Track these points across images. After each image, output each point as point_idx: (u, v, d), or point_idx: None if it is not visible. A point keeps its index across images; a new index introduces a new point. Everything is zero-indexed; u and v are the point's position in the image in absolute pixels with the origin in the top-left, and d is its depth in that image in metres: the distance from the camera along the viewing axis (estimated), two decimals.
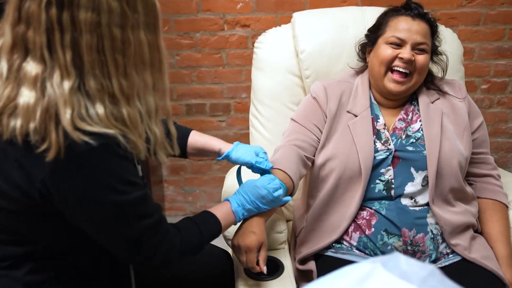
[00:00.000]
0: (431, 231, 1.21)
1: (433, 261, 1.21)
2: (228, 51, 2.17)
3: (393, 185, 1.22)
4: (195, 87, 2.23)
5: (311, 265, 1.24)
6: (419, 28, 1.24)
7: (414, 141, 1.26)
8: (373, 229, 1.21)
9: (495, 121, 2.36)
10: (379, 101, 1.34)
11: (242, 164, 1.18)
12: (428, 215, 1.22)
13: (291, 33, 1.57)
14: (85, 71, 0.77)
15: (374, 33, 1.33)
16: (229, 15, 2.10)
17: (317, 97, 1.33)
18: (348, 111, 1.30)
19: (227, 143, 1.22)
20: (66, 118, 0.74)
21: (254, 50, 1.61)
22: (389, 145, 1.26)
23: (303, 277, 1.27)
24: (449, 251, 1.23)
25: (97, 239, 0.88)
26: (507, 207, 1.34)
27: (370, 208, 1.23)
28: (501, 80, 2.28)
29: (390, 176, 1.23)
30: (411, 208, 1.22)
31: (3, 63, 0.78)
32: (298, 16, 1.58)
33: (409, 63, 1.22)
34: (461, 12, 2.13)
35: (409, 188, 1.22)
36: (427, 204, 1.23)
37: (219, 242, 1.16)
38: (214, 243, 1.24)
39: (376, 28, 1.33)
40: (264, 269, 1.07)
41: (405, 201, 1.22)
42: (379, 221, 1.21)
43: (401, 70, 1.24)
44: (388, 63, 1.25)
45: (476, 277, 1.16)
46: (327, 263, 1.23)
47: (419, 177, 1.23)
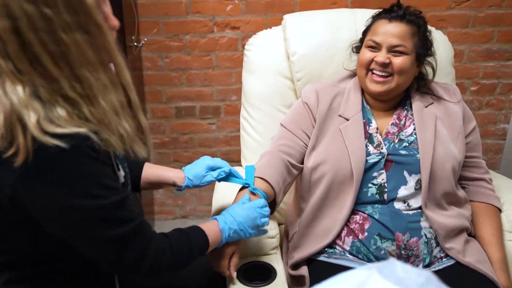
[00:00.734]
0: (425, 235, 1.20)
1: (427, 265, 1.20)
2: (218, 53, 2.15)
3: (386, 189, 1.22)
4: (184, 90, 2.21)
5: (304, 270, 1.22)
6: (395, 30, 1.23)
7: (407, 145, 1.25)
8: (366, 234, 1.20)
9: (484, 123, 2.38)
10: (371, 104, 1.33)
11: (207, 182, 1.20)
12: (421, 219, 1.21)
13: (282, 35, 1.56)
14: (29, 77, 0.75)
15: (363, 36, 1.35)
16: (218, 17, 2.09)
17: (308, 102, 1.33)
18: (340, 115, 1.30)
19: (178, 171, 1.20)
20: (31, 122, 0.73)
21: (244, 52, 1.59)
22: (382, 149, 1.25)
23: (295, 282, 1.25)
24: (443, 255, 1.23)
25: (76, 246, 0.85)
26: (500, 210, 1.34)
27: (363, 212, 1.22)
28: (490, 82, 2.29)
29: (383, 180, 1.22)
30: (404, 212, 1.21)
31: None
32: (289, 18, 1.57)
33: (384, 66, 1.23)
34: (450, 14, 2.14)
35: (402, 191, 1.22)
36: (420, 207, 1.22)
37: None
38: None
39: (364, 31, 1.35)
40: (234, 274, 1.11)
41: (398, 205, 1.21)
42: (372, 225, 1.20)
43: (377, 72, 1.24)
44: (366, 66, 1.27)
45: (470, 281, 1.16)
46: (319, 268, 1.22)
47: (412, 180, 1.22)
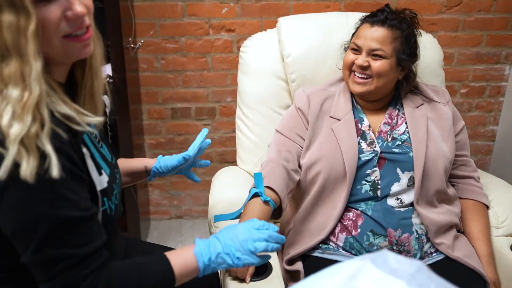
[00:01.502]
0: (416, 231, 1.24)
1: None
2: (213, 55, 2.18)
3: (379, 186, 1.26)
4: (180, 91, 2.24)
5: (299, 266, 1.26)
6: (375, 35, 1.27)
7: (400, 143, 1.30)
8: (359, 230, 1.24)
9: (474, 125, 2.43)
10: (361, 104, 1.37)
11: (173, 165, 1.21)
12: (413, 216, 1.25)
13: (277, 37, 1.60)
14: None
15: (351, 38, 1.39)
16: (214, 20, 2.12)
17: (300, 106, 1.38)
18: (331, 116, 1.34)
19: (151, 159, 1.26)
20: None
21: (240, 54, 1.62)
22: (375, 147, 1.29)
23: (291, 277, 1.28)
24: (433, 250, 1.27)
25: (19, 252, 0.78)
26: (487, 207, 1.38)
27: (356, 209, 1.26)
28: (480, 84, 2.34)
29: (376, 177, 1.26)
30: (397, 209, 1.25)
31: None
32: (283, 21, 1.61)
33: (363, 68, 1.28)
34: (440, 18, 2.19)
35: (395, 188, 1.26)
36: (412, 204, 1.26)
37: None
38: None
39: (352, 34, 1.39)
40: (248, 279, 1.10)
41: (391, 202, 1.25)
42: (365, 222, 1.24)
43: (358, 74, 1.29)
44: (349, 67, 1.32)
45: (459, 275, 1.20)
46: (314, 264, 1.25)
47: (405, 177, 1.26)
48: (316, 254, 1.28)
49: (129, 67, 1.94)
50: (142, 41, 2.11)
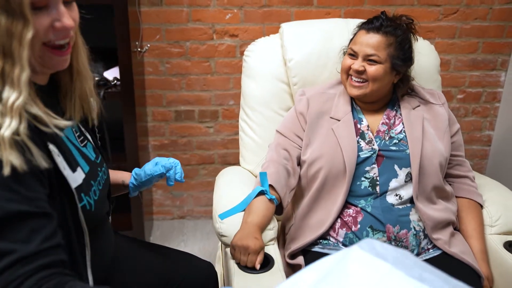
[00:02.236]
0: (414, 228, 1.29)
1: (415, 256, 1.29)
2: (216, 60, 2.24)
3: (378, 182, 1.31)
4: (184, 94, 2.29)
5: (300, 260, 1.31)
6: (371, 41, 1.33)
7: (397, 141, 1.36)
8: (359, 226, 1.29)
9: (471, 129, 2.48)
10: (360, 106, 1.43)
11: (150, 174, 1.22)
12: (411, 213, 1.31)
13: (279, 42, 1.66)
14: None
15: (349, 44, 1.44)
16: (218, 25, 2.18)
17: (299, 108, 1.44)
18: (331, 117, 1.40)
19: (128, 173, 1.26)
20: None
21: (244, 58, 1.68)
22: (373, 145, 1.35)
23: (292, 271, 1.34)
24: (430, 246, 1.32)
25: None
26: (481, 206, 1.44)
27: (356, 206, 1.31)
28: (476, 90, 2.40)
29: (375, 173, 1.32)
30: (396, 206, 1.30)
31: None
32: (286, 26, 1.67)
33: (359, 73, 1.34)
34: (438, 25, 2.25)
35: (393, 184, 1.31)
36: (411, 201, 1.32)
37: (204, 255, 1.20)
38: (199, 255, 1.33)
39: (350, 39, 1.44)
40: (258, 266, 1.19)
41: (390, 199, 1.31)
42: (365, 218, 1.29)
43: (354, 78, 1.35)
44: (346, 71, 1.38)
45: (454, 270, 1.24)
46: (314, 258, 1.29)
47: (402, 173, 1.32)
48: (316, 249, 1.33)
49: (135, 70, 1.99)
50: (148, 45, 2.17)
